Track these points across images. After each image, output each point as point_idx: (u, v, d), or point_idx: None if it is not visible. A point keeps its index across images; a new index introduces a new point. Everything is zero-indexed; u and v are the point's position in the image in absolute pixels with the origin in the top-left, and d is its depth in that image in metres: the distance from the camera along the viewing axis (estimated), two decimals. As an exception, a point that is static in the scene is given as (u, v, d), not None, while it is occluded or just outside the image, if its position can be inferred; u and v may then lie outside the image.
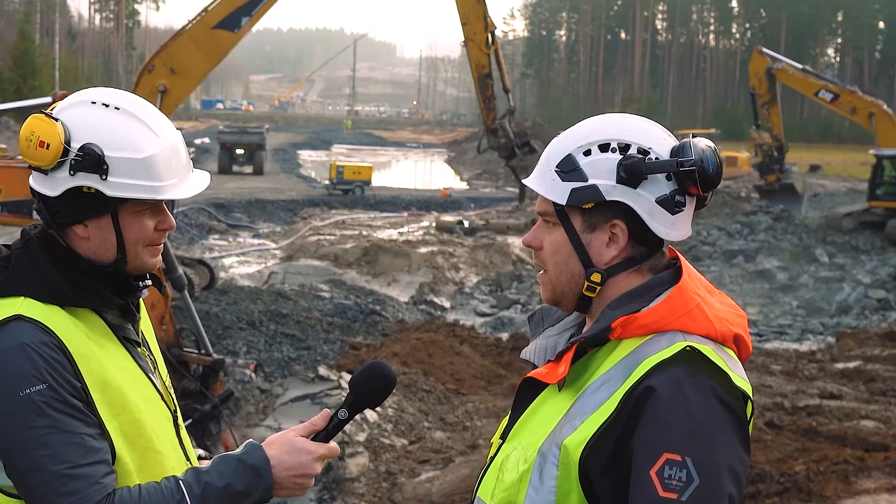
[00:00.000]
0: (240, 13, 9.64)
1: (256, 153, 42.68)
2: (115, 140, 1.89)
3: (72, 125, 1.89)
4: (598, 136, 1.70)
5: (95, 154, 1.86)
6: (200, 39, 9.48)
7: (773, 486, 7.06)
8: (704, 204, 1.74)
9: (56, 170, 1.88)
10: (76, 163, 1.87)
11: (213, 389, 8.44)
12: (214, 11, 9.60)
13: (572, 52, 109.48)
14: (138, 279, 2.03)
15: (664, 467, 1.52)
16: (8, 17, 70.41)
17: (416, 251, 20.19)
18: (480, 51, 12.33)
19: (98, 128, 1.89)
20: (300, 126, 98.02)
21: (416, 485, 7.94)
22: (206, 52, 9.56)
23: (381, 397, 2.02)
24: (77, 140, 1.87)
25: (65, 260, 1.92)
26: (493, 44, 12.51)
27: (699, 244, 23.42)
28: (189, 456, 2.09)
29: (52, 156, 1.86)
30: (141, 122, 1.93)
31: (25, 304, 1.86)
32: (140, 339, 2.05)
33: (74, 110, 1.92)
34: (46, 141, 1.86)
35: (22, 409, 1.78)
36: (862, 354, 13.12)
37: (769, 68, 25.62)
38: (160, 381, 2.06)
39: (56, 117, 1.89)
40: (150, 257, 2.00)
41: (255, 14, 9.75)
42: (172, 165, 1.95)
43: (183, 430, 2.10)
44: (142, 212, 1.95)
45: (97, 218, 1.92)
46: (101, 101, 1.93)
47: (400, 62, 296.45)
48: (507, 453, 1.72)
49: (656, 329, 1.64)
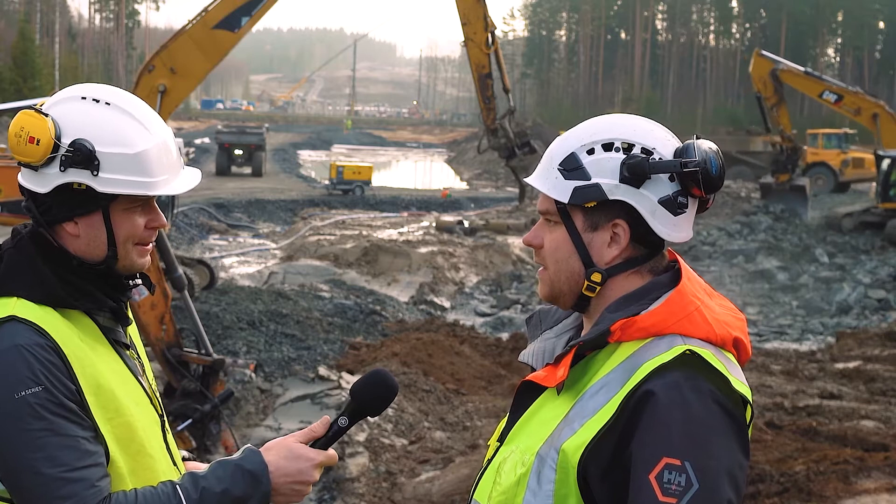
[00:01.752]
0: (239, 13, 9.64)
1: (255, 154, 41.53)
2: (107, 135, 1.86)
3: (62, 121, 1.86)
4: (602, 135, 1.70)
5: (87, 149, 1.83)
6: (200, 39, 9.49)
7: (773, 486, 7.05)
8: (707, 207, 1.74)
9: (46, 166, 1.85)
10: (67, 158, 1.83)
11: (213, 389, 8.42)
12: (214, 11, 9.61)
13: (572, 52, 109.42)
14: (128, 279, 2.00)
15: (663, 472, 1.51)
16: (8, 17, 70.42)
17: (416, 251, 20.20)
18: (480, 51, 12.33)
19: (89, 123, 1.86)
20: (300, 126, 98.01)
21: (416, 485, 7.94)
22: (206, 51, 9.57)
23: (382, 406, 2.01)
24: (67, 136, 1.84)
25: (57, 260, 1.89)
26: (493, 44, 12.51)
27: (699, 244, 23.42)
28: (175, 460, 2.06)
29: (43, 152, 1.83)
30: (132, 117, 1.90)
31: (19, 304, 1.83)
32: (129, 342, 2.03)
33: (64, 106, 1.89)
34: (36, 137, 1.83)
35: (17, 411, 1.75)
36: (862, 354, 13.12)
37: (773, 70, 25.37)
38: (148, 385, 2.04)
39: (46, 113, 1.86)
40: (138, 257, 1.96)
41: (254, 14, 9.75)
42: (164, 161, 1.93)
43: (169, 435, 2.08)
44: (133, 209, 1.92)
45: (88, 215, 1.89)
46: (91, 96, 1.91)
47: (400, 62, 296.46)
48: (505, 456, 1.72)
49: (655, 332, 1.63)
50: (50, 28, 71.69)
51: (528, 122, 66.19)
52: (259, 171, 41.31)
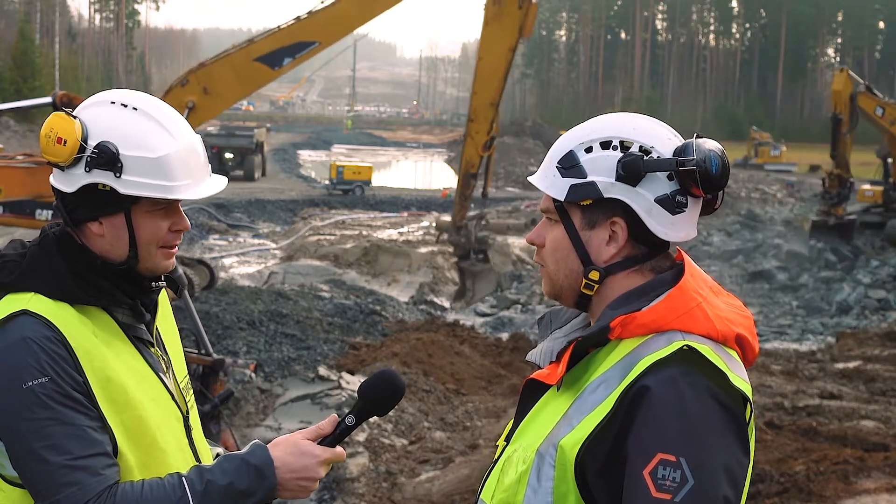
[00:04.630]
0: (284, 53, 9.79)
1: (247, 157, 39.40)
2: (130, 139, 1.93)
3: (89, 123, 1.93)
4: (601, 133, 1.70)
5: (110, 151, 1.90)
6: (240, 67, 9.63)
7: (773, 486, 7.06)
8: (714, 208, 1.73)
9: (73, 166, 1.92)
10: (91, 160, 1.91)
11: (213, 389, 8.42)
12: (261, 44, 9.76)
13: (572, 52, 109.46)
14: (152, 280, 2.05)
15: (658, 467, 1.50)
16: (8, 17, 70.41)
17: (416, 251, 20.22)
18: (476, 151, 12.35)
19: (114, 127, 1.94)
20: (300, 126, 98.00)
21: (416, 485, 7.94)
22: (242, 81, 9.71)
23: (389, 406, 2.02)
24: (94, 138, 1.92)
25: (78, 258, 1.96)
26: (490, 148, 12.52)
27: (699, 244, 23.43)
28: (200, 457, 2.10)
29: (69, 152, 1.90)
30: (157, 122, 1.97)
31: (34, 299, 1.89)
32: (154, 339, 2.07)
33: (93, 109, 1.97)
34: (64, 137, 1.90)
35: (24, 401, 1.82)
36: (862, 354, 13.13)
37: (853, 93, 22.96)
38: (172, 382, 2.08)
39: (75, 115, 1.94)
40: (163, 259, 2.03)
41: (298, 57, 9.90)
42: (187, 166, 1.98)
43: (196, 431, 2.12)
44: (155, 212, 1.98)
45: (111, 216, 1.96)
46: (119, 101, 1.98)
47: (400, 62, 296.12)
48: (509, 454, 1.72)
49: (655, 328, 1.63)
50: (50, 28, 71.69)
51: (528, 122, 66.26)
52: (251, 175, 39.26)
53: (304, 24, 9.98)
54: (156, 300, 2.09)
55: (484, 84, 12.02)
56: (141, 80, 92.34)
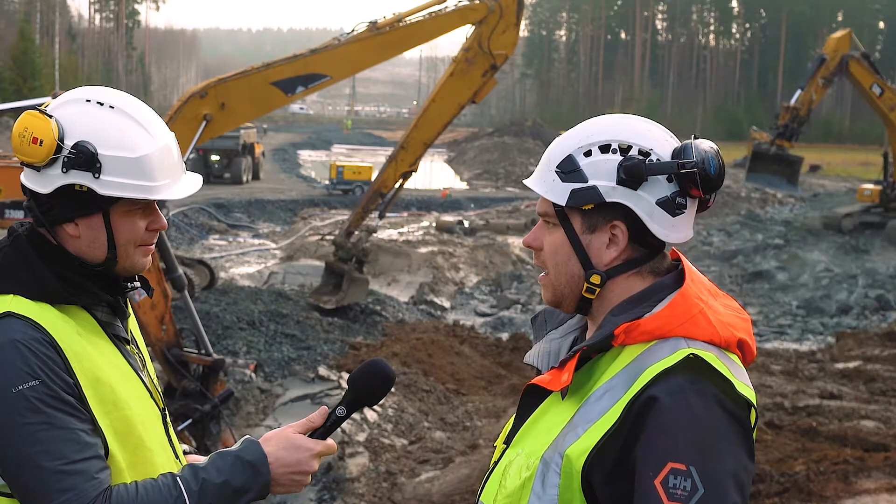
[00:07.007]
0: (298, 81, 10.04)
1: (235, 160, 37.07)
2: (109, 139, 1.87)
3: (66, 123, 1.87)
4: (599, 136, 1.69)
5: (89, 152, 1.84)
6: (256, 89, 9.80)
7: (773, 486, 7.06)
8: (707, 206, 1.73)
9: (49, 167, 1.86)
10: (69, 160, 1.84)
11: (213, 389, 8.44)
12: (279, 69, 9.96)
13: (572, 52, 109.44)
14: (127, 280, 2.01)
15: (669, 477, 1.51)
16: (8, 17, 70.35)
17: (416, 251, 20.21)
18: (394, 175, 12.64)
19: (92, 126, 1.88)
20: (300, 126, 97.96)
21: (416, 485, 7.94)
22: (255, 102, 9.90)
23: (379, 395, 2.02)
24: (71, 137, 1.85)
25: (55, 258, 1.90)
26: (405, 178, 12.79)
27: (699, 244, 23.42)
28: (177, 453, 2.08)
29: (46, 153, 1.84)
30: (135, 121, 1.91)
31: (15, 301, 1.84)
32: (129, 337, 2.04)
33: (68, 108, 1.90)
34: (40, 137, 1.84)
35: (15, 405, 1.76)
36: (862, 354, 13.13)
37: (846, 56, 22.73)
38: (148, 379, 2.05)
39: (50, 114, 1.87)
40: (141, 257, 1.98)
41: (310, 87, 10.18)
42: (165, 166, 1.94)
43: (171, 428, 2.10)
44: (133, 211, 1.93)
45: (88, 217, 1.90)
46: (95, 99, 1.92)
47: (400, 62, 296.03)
48: (511, 459, 1.71)
49: (659, 335, 1.63)
50: (50, 28, 71.67)
51: (528, 122, 66.17)
52: (238, 178, 37.02)
53: (320, 57, 10.30)
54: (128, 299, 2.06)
55: (427, 124, 12.46)
56: (141, 80, 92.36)
